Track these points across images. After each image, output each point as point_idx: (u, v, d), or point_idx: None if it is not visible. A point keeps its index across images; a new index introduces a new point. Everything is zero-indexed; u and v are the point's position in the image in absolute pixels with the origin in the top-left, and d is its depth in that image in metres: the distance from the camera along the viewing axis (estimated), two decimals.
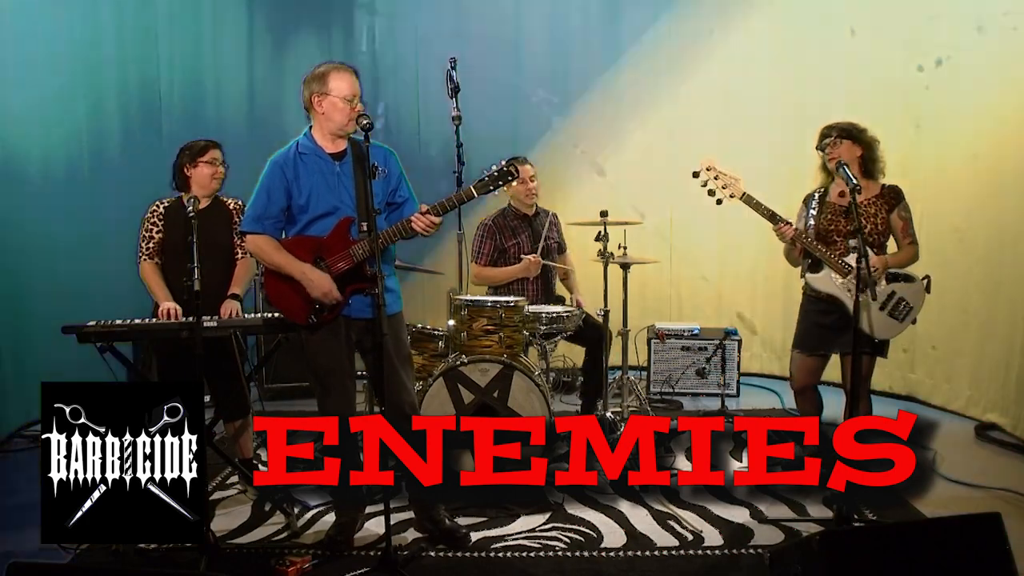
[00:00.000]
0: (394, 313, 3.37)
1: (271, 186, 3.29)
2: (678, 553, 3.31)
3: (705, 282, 6.25)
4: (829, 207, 3.70)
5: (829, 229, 3.67)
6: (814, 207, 3.71)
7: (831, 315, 3.67)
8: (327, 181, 3.28)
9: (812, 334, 3.74)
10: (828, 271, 3.63)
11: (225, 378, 3.79)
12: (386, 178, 3.33)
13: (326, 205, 3.27)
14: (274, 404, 5.37)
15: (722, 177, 3.64)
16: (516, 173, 3.28)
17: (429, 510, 3.44)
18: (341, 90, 3.23)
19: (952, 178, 5.11)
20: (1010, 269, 4.73)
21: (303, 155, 3.31)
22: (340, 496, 3.44)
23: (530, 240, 4.87)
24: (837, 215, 3.66)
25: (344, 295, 3.26)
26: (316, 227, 3.29)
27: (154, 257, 3.81)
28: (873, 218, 3.65)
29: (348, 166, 3.31)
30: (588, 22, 6.25)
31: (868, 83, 5.54)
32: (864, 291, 3.39)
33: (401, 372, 3.39)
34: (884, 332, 3.65)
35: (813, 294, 3.73)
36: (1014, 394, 4.63)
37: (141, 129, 5.72)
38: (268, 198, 3.29)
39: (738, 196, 3.61)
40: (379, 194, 3.27)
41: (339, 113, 3.24)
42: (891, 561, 2.50)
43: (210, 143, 3.83)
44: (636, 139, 6.23)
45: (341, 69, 3.28)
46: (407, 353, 3.53)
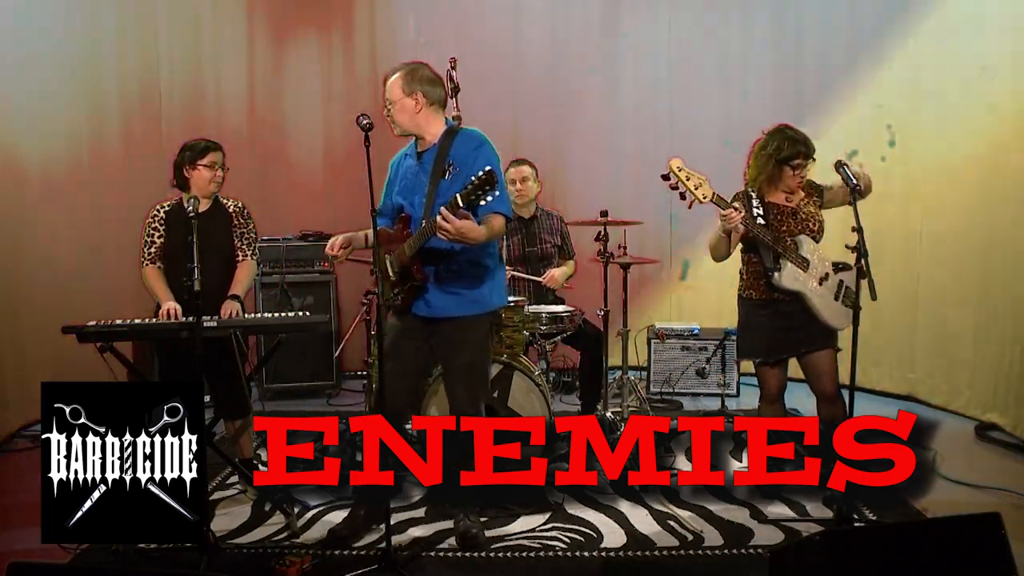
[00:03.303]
0: (452, 316, 3.32)
1: (386, 183, 3.51)
2: (678, 553, 3.31)
3: (705, 282, 6.25)
4: (774, 208, 3.59)
5: (781, 231, 3.56)
6: (757, 207, 3.57)
7: (784, 316, 3.57)
8: (407, 181, 3.39)
9: (772, 341, 3.61)
10: (791, 268, 3.52)
11: (225, 378, 3.79)
12: (457, 175, 3.20)
13: (399, 203, 3.40)
14: (274, 404, 5.36)
15: (693, 177, 3.44)
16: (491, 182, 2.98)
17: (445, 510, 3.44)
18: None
19: (950, 178, 5.11)
20: (1010, 269, 4.73)
21: (406, 155, 3.45)
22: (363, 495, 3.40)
23: (522, 244, 4.86)
24: (785, 217, 3.58)
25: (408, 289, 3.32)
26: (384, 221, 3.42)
27: (156, 262, 3.81)
28: (814, 216, 3.61)
29: (428, 164, 3.31)
30: (588, 22, 6.25)
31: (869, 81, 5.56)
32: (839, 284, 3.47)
33: (458, 385, 3.38)
34: (840, 321, 3.60)
35: (762, 299, 3.61)
36: (1014, 394, 4.63)
37: (141, 129, 5.72)
38: (384, 195, 3.50)
39: (709, 198, 3.43)
40: (446, 194, 3.12)
41: None
42: (891, 561, 2.50)
43: (211, 145, 3.82)
44: (636, 139, 6.23)
45: None
46: (466, 362, 3.37)
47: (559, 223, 5.02)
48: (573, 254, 5.08)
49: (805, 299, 3.55)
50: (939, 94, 5.17)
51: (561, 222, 5.04)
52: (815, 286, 3.55)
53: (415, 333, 3.37)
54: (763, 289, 3.60)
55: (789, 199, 3.62)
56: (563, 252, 5.03)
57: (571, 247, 5.07)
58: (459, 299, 3.31)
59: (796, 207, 3.60)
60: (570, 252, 5.06)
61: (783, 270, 3.53)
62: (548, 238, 4.93)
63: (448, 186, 3.20)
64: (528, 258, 4.86)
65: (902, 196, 5.38)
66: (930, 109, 5.24)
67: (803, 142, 3.54)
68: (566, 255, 5.05)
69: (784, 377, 3.70)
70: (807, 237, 3.56)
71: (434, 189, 3.23)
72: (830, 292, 3.58)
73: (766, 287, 3.58)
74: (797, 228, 3.57)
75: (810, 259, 3.53)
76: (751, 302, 3.67)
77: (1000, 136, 4.79)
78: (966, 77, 5.00)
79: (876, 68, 5.54)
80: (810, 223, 3.59)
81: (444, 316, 3.32)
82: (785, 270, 3.53)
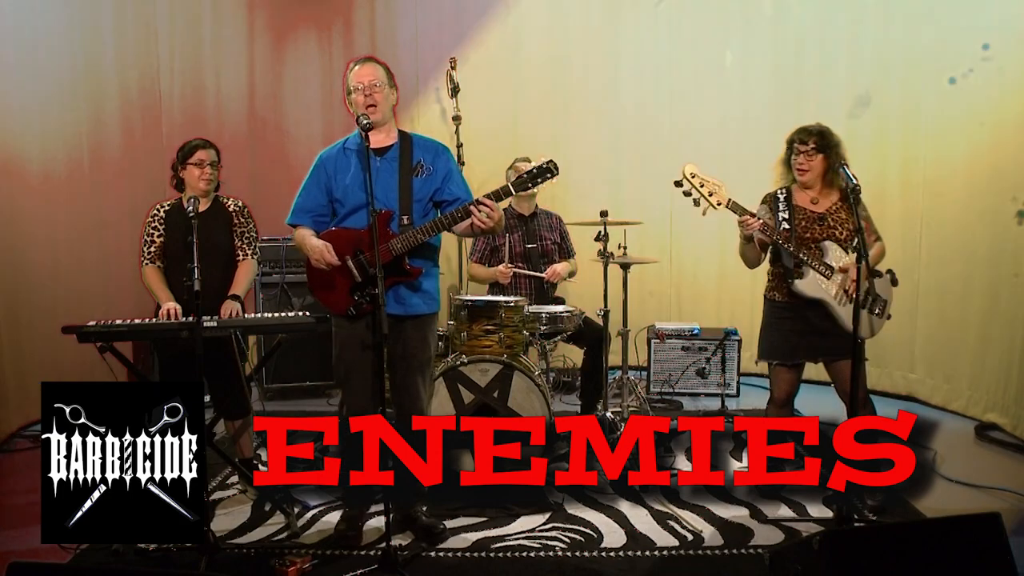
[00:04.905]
0: (423, 314, 3.40)
1: (311, 180, 3.40)
2: (678, 553, 3.30)
3: (705, 282, 6.25)
4: (800, 212, 3.57)
5: (804, 237, 3.54)
6: (783, 211, 3.56)
7: (807, 321, 3.54)
8: (364, 176, 3.26)
9: (792, 344, 3.60)
10: (814, 275, 3.50)
11: (225, 378, 3.79)
12: (430, 176, 3.35)
13: (359, 199, 3.28)
14: (274, 404, 5.37)
15: (707, 184, 3.44)
16: (556, 170, 3.27)
17: (405, 509, 3.45)
18: (352, 82, 3.33)
19: (951, 178, 5.11)
20: (1009, 269, 4.73)
21: (348, 150, 3.37)
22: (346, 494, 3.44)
23: (523, 240, 4.86)
24: (811, 222, 3.55)
25: None
26: (352, 220, 3.32)
27: (155, 261, 3.81)
28: (845, 222, 3.56)
29: (392, 162, 3.33)
30: (588, 22, 6.25)
31: (869, 82, 5.56)
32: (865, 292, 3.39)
33: (416, 376, 3.41)
34: (868, 331, 3.58)
35: (786, 302, 3.61)
36: (1014, 394, 4.63)
37: (141, 129, 5.72)
38: (307, 192, 3.39)
39: (724, 204, 3.44)
40: (420, 192, 3.32)
41: (357, 106, 3.31)
42: (891, 561, 2.50)
43: (199, 144, 3.81)
44: (636, 138, 6.23)
45: (352, 64, 3.39)
46: (428, 358, 3.47)
47: (558, 222, 5.04)
48: (573, 253, 5.10)
49: (828, 307, 3.51)
50: (940, 91, 5.17)
51: (560, 221, 5.05)
52: (839, 294, 3.50)
53: (368, 339, 3.32)
54: (787, 292, 3.58)
55: (815, 201, 3.58)
56: (563, 250, 5.05)
57: (571, 245, 5.09)
58: (424, 297, 3.40)
59: (824, 212, 3.55)
60: (570, 251, 5.08)
61: (804, 277, 3.50)
62: (548, 235, 4.94)
63: (421, 185, 3.33)
64: (529, 255, 4.87)
65: (901, 196, 5.38)
66: (930, 108, 5.24)
67: (810, 129, 3.56)
68: (566, 254, 5.06)
69: (797, 383, 3.68)
70: (834, 243, 3.51)
71: (408, 186, 3.29)
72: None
73: (789, 291, 3.57)
74: (823, 234, 3.53)
75: (835, 267, 3.49)
76: (775, 304, 3.66)
77: (1001, 136, 4.79)
78: (964, 73, 4.99)
79: (877, 66, 5.54)
80: (837, 230, 3.55)
81: (414, 314, 3.36)
82: (807, 277, 3.50)
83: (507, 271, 4.71)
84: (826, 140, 3.56)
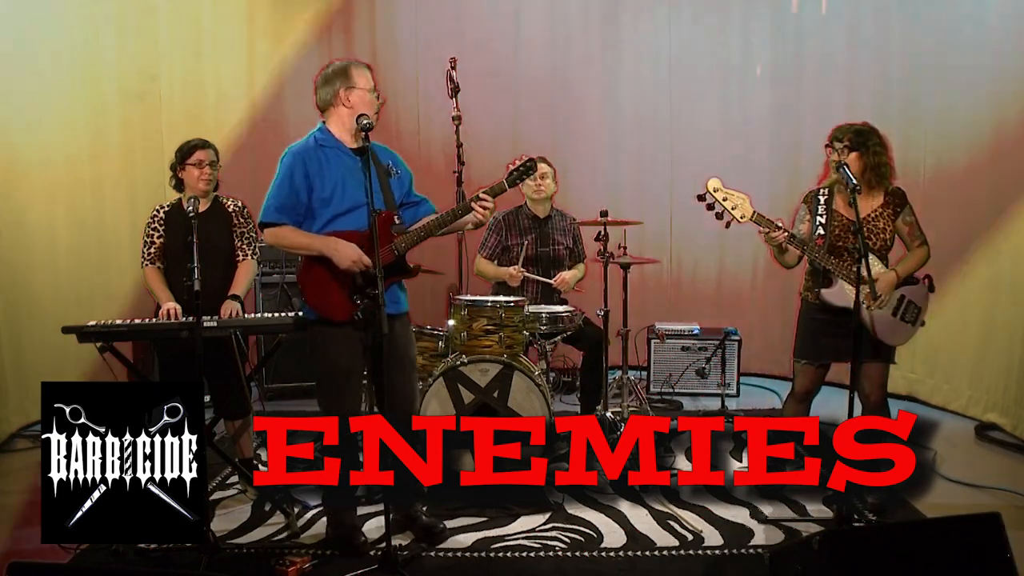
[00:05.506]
0: (406, 311, 3.44)
1: (294, 176, 3.20)
2: (678, 553, 3.31)
3: (705, 282, 6.25)
4: (837, 219, 3.55)
5: (837, 245, 3.53)
6: (822, 213, 3.55)
7: (840, 325, 3.51)
8: (352, 176, 3.22)
9: (820, 344, 3.61)
10: (842, 284, 3.50)
11: (225, 378, 3.80)
12: (400, 178, 3.40)
13: (351, 200, 3.21)
14: (274, 404, 5.36)
15: (731, 198, 3.43)
16: (534, 167, 3.35)
17: (405, 508, 3.44)
18: (368, 82, 3.30)
19: (952, 178, 5.10)
20: (1010, 269, 4.73)
21: (324, 147, 3.25)
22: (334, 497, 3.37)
23: (536, 243, 4.84)
24: (846, 231, 3.52)
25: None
26: (340, 222, 3.23)
27: (156, 262, 3.81)
28: (882, 232, 3.55)
29: (368, 163, 3.27)
30: (588, 22, 6.25)
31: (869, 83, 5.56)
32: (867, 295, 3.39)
33: (410, 374, 3.43)
34: (898, 338, 3.58)
35: (819, 303, 3.60)
36: (1014, 394, 4.63)
37: (141, 129, 5.72)
38: (291, 188, 3.20)
39: (749, 217, 3.43)
40: (397, 194, 3.36)
41: (368, 105, 3.26)
42: (891, 561, 2.50)
43: (198, 144, 3.81)
44: (636, 138, 6.23)
45: (359, 64, 3.35)
46: (415, 354, 3.54)
47: (571, 224, 4.99)
48: (584, 257, 5.04)
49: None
50: (939, 91, 5.17)
51: (574, 224, 5.00)
52: (869, 303, 3.49)
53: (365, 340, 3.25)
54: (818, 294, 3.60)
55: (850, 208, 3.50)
56: (574, 255, 5.00)
57: (582, 249, 5.03)
58: (405, 293, 3.45)
59: (863, 219, 3.50)
60: (581, 255, 5.02)
61: (833, 286, 3.52)
62: (561, 239, 4.90)
63: (396, 186, 3.36)
64: (539, 259, 4.84)
65: None
66: (929, 108, 5.24)
67: (846, 127, 3.57)
68: (577, 258, 5.02)
69: (819, 381, 3.70)
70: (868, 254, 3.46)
71: (388, 187, 3.31)
72: (888, 308, 3.53)
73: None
74: (855, 243, 3.46)
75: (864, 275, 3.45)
76: (809, 304, 3.68)
77: (1000, 135, 4.79)
78: (962, 68, 5.00)
79: (877, 65, 5.54)
80: (871, 239, 3.53)
81: (403, 312, 3.41)
82: (835, 286, 3.52)
83: (518, 274, 4.67)
84: (863, 138, 3.53)
